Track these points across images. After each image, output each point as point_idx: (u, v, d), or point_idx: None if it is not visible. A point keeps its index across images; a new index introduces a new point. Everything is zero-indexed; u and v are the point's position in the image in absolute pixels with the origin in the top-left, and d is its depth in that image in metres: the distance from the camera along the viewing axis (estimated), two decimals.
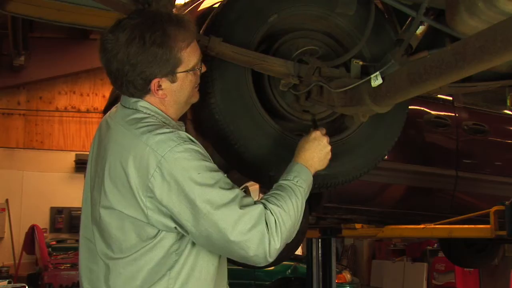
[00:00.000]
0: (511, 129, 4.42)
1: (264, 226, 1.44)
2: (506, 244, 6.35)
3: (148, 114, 1.55)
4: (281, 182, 1.61)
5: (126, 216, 1.47)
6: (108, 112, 1.68)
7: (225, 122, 1.96)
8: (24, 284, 6.27)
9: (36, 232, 8.99)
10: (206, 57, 1.96)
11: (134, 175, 1.45)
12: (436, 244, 10.38)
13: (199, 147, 1.49)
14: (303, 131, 2.20)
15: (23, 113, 11.18)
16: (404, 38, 1.89)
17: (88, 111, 11.51)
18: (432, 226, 3.80)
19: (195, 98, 1.66)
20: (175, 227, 1.46)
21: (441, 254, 9.28)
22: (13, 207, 10.42)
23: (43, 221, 10.33)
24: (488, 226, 3.52)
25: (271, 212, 1.48)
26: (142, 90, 1.55)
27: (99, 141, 1.63)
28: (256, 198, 3.62)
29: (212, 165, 1.49)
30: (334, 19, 2.14)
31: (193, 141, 1.49)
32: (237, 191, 1.49)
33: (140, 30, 1.49)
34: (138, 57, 1.49)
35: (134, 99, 1.58)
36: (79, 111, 11.40)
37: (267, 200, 1.53)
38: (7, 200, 10.44)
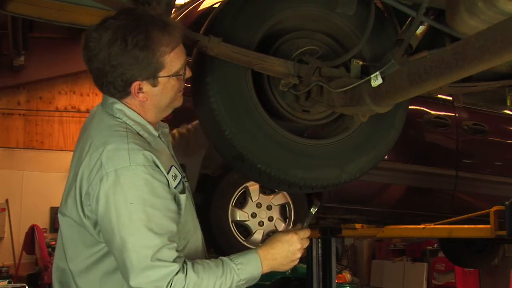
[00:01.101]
0: (511, 129, 4.42)
1: (164, 287, 1.38)
2: (506, 244, 6.34)
3: (120, 120, 1.52)
4: (224, 258, 1.53)
5: (73, 222, 1.49)
6: (92, 111, 1.68)
7: (225, 122, 1.96)
8: (24, 284, 6.28)
9: (36, 232, 9.00)
10: (206, 57, 1.96)
11: (80, 183, 1.46)
12: (436, 244, 10.37)
13: (153, 173, 1.42)
14: (303, 131, 2.20)
15: (23, 113, 11.17)
16: (404, 38, 1.89)
17: (88, 111, 11.49)
18: (432, 226, 3.80)
19: (178, 103, 1.63)
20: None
21: (441, 254, 9.28)
22: (13, 207, 10.41)
23: (43, 221, 10.31)
24: (488, 226, 3.52)
25: (185, 277, 1.41)
26: (122, 92, 1.53)
27: (77, 143, 1.63)
28: (255, 199, 3.61)
29: (154, 200, 1.42)
30: (334, 19, 2.14)
31: (150, 165, 1.43)
32: (162, 241, 1.40)
33: (123, 31, 1.47)
34: (119, 58, 1.47)
35: (111, 100, 1.56)
36: (79, 111, 11.39)
37: (192, 265, 1.44)
38: (7, 200, 10.43)
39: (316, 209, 1.75)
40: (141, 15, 1.52)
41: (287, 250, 1.60)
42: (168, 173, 1.49)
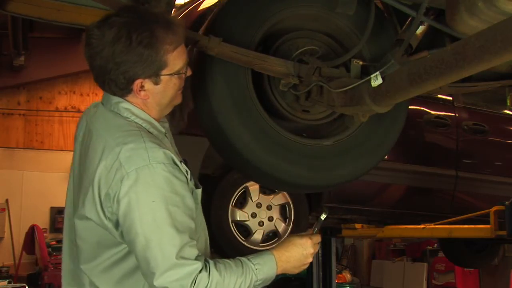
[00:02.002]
0: (511, 129, 4.42)
1: (189, 285, 1.38)
2: (506, 244, 6.34)
3: (129, 120, 1.52)
4: (243, 258, 1.53)
5: (94, 225, 1.48)
6: (87, 111, 1.66)
7: (225, 122, 1.96)
8: (24, 284, 6.28)
9: (36, 232, 9.00)
10: (206, 57, 1.96)
11: (99, 185, 1.44)
12: (436, 244, 10.36)
13: (172, 171, 1.43)
14: (303, 131, 2.20)
15: (23, 113, 11.16)
16: (404, 38, 1.89)
17: None
18: (432, 226, 3.80)
19: (178, 101, 1.62)
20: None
21: (441, 254, 9.27)
22: (13, 207, 10.41)
23: (43, 221, 10.31)
24: (488, 226, 3.52)
25: (209, 275, 1.41)
26: (124, 90, 1.52)
27: (81, 143, 1.62)
28: (255, 199, 3.60)
29: (175, 198, 1.42)
30: (334, 19, 2.14)
31: (169, 163, 1.43)
32: (185, 239, 1.41)
33: (128, 29, 1.46)
34: (123, 56, 1.46)
35: (116, 100, 1.55)
36: (79, 111, 11.37)
37: (215, 264, 1.45)
38: (7, 200, 10.43)
39: (325, 216, 1.76)
40: (145, 13, 1.52)
41: (301, 254, 1.61)
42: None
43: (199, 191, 1.54)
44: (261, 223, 3.37)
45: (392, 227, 4.10)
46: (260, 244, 3.36)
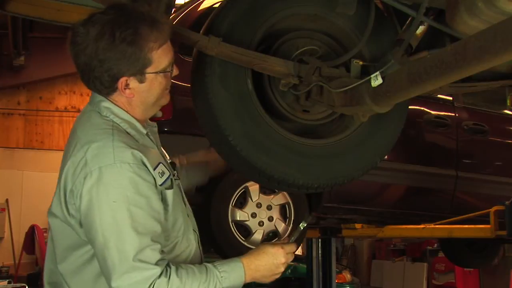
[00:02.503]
0: (511, 129, 4.42)
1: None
2: (506, 244, 6.34)
3: (107, 119, 1.51)
4: (209, 264, 1.50)
5: (60, 222, 1.49)
6: (83, 109, 1.68)
7: (225, 122, 1.96)
8: (24, 284, 6.28)
9: (36, 232, 9.01)
10: (206, 57, 1.96)
11: (65, 182, 1.45)
12: (436, 244, 10.37)
13: (138, 172, 1.41)
14: (303, 131, 2.20)
15: (23, 113, 11.17)
16: (404, 38, 1.89)
17: None
18: (432, 226, 3.80)
19: (165, 101, 1.61)
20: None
21: (441, 254, 9.28)
22: (13, 207, 10.41)
23: (43, 221, 10.29)
24: (488, 226, 3.52)
25: (168, 281, 1.38)
26: (109, 88, 1.52)
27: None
28: (256, 199, 3.60)
29: (139, 199, 1.40)
30: (334, 19, 2.14)
31: (136, 164, 1.41)
32: (145, 241, 1.38)
33: (111, 26, 1.46)
34: (107, 53, 1.45)
35: (99, 98, 1.55)
36: (79, 111, 11.35)
37: (176, 269, 1.42)
38: (7, 200, 10.44)
39: (305, 225, 1.73)
40: (131, 11, 1.51)
41: (271, 263, 1.56)
42: (154, 170, 1.47)
43: (169, 192, 1.50)
44: (261, 223, 3.37)
45: (392, 227, 4.10)
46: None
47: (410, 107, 2.34)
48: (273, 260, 1.55)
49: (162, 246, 1.43)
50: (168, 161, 1.64)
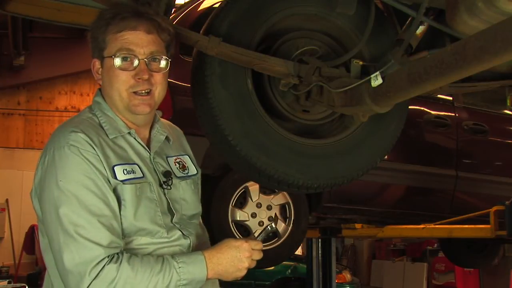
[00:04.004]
0: (511, 129, 4.42)
1: (87, 272, 1.32)
2: (506, 244, 6.34)
3: (91, 112, 1.55)
4: (168, 255, 1.44)
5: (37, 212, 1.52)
6: None
7: (225, 122, 1.96)
8: (24, 284, 6.28)
9: (36, 232, 8.99)
10: (206, 57, 1.96)
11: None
12: (436, 244, 10.38)
13: (87, 157, 1.41)
14: (303, 131, 2.20)
15: (23, 113, 11.17)
16: (404, 38, 1.89)
17: None
18: (432, 226, 3.80)
19: (136, 107, 1.52)
20: None
21: (441, 254, 9.29)
22: (13, 207, 10.41)
23: None
24: (488, 226, 3.52)
25: (119, 268, 1.34)
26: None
27: None
28: (255, 199, 3.59)
29: (86, 181, 1.39)
30: (334, 19, 2.14)
31: (83, 149, 1.42)
32: (90, 220, 1.36)
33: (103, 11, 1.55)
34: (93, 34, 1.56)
35: (99, 92, 1.61)
36: (79, 111, 11.34)
37: (129, 257, 1.38)
38: (7, 200, 10.44)
39: (274, 227, 1.69)
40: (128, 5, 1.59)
41: (234, 256, 1.50)
42: (117, 165, 1.46)
43: (126, 187, 1.45)
44: (261, 223, 3.37)
45: (392, 227, 4.10)
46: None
47: (410, 107, 2.34)
48: (236, 254, 1.50)
49: (113, 232, 1.39)
50: (164, 170, 1.58)
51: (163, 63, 1.55)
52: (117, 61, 1.50)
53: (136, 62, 1.50)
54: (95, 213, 1.37)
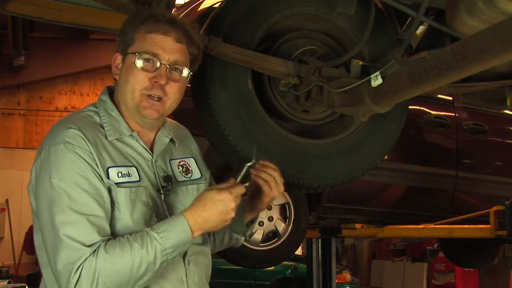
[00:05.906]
0: (511, 129, 4.42)
1: (74, 272, 1.31)
2: (506, 244, 6.34)
3: (95, 110, 1.53)
4: (147, 228, 1.39)
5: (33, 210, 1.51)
6: None
7: (225, 122, 1.96)
8: (24, 284, 6.28)
9: None
10: (206, 58, 1.96)
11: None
12: (436, 244, 10.38)
13: (82, 154, 1.40)
14: (303, 131, 2.20)
15: (23, 113, 11.18)
16: (404, 38, 1.89)
17: None
18: (432, 226, 3.80)
19: (145, 110, 1.50)
20: None
21: (441, 254, 9.29)
22: (13, 207, 10.42)
23: None
24: (488, 226, 3.52)
25: (95, 259, 1.31)
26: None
27: None
28: None
29: (79, 179, 1.38)
30: (334, 19, 2.14)
31: (78, 146, 1.40)
32: (76, 218, 1.34)
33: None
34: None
35: (106, 88, 1.60)
36: None
37: (105, 244, 1.34)
38: (7, 200, 10.44)
39: (251, 164, 1.61)
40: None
41: (220, 211, 1.43)
42: (112, 167, 1.44)
43: (120, 190, 1.44)
44: (261, 223, 3.37)
45: (392, 227, 4.10)
46: (260, 244, 3.35)
47: (410, 107, 2.34)
48: (223, 208, 1.43)
49: (102, 233, 1.37)
50: (164, 174, 1.56)
51: (184, 73, 1.53)
52: (139, 61, 1.48)
53: (157, 65, 1.49)
54: (85, 213, 1.36)
